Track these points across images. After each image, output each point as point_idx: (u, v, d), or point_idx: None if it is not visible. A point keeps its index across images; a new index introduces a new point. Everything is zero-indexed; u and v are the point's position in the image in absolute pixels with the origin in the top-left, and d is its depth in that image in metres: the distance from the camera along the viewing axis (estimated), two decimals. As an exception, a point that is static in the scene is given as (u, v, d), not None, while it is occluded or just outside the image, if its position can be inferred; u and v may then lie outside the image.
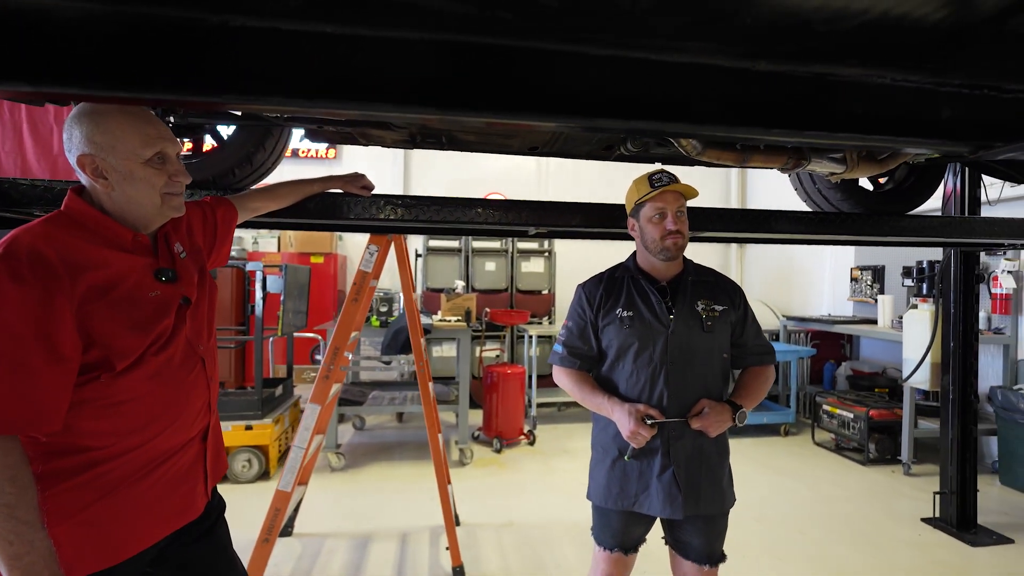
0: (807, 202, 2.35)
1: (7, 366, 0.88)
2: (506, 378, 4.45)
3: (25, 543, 0.87)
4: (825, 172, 1.70)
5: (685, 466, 1.46)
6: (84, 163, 1.02)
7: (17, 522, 0.87)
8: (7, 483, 0.87)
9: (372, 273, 2.49)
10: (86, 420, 0.99)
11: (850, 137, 0.71)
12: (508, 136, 1.73)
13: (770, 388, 1.63)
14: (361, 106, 0.61)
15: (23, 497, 0.88)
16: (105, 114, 1.02)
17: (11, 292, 0.89)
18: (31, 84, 0.54)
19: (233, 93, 0.58)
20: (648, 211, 1.48)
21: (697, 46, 0.60)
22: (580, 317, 1.58)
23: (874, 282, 5.37)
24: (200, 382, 1.18)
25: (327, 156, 6.80)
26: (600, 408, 1.50)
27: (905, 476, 3.89)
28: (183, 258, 1.20)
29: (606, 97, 0.65)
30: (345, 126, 1.60)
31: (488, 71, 0.60)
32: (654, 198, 1.47)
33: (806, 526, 3.09)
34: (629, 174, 1.66)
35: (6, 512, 0.86)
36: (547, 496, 3.47)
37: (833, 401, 4.48)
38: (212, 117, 1.58)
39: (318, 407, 2.39)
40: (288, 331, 4.08)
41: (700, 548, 1.52)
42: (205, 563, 1.23)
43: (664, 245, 1.48)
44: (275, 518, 2.35)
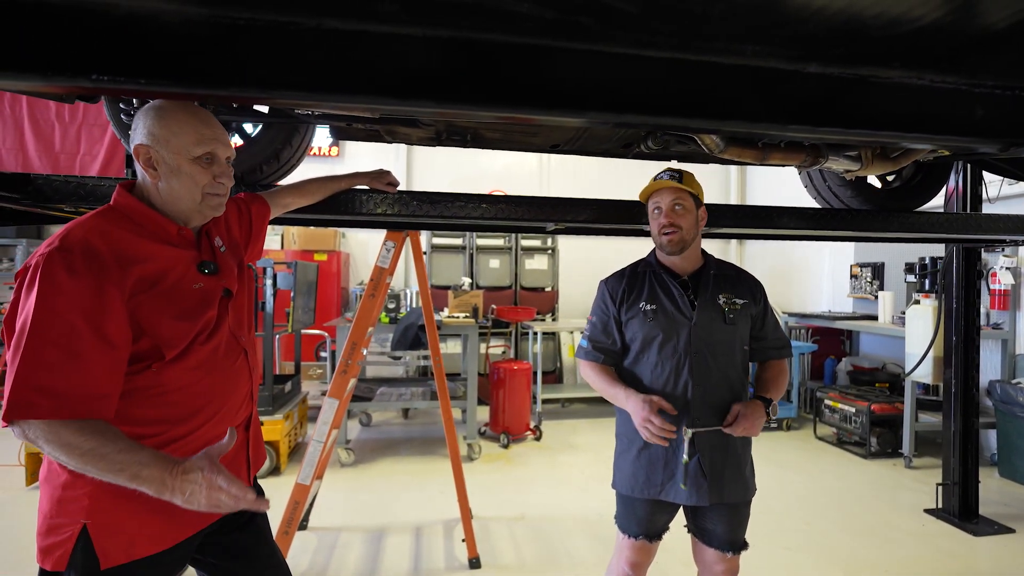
0: (817, 199, 2.40)
1: (60, 354, 0.91)
2: (513, 374, 4.49)
3: (133, 467, 0.89)
4: (840, 169, 1.75)
5: (710, 455, 1.50)
6: (139, 152, 1.06)
7: (112, 460, 0.89)
8: (82, 439, 0.89)
9: (388, 269, 2.52)
10: (138, 408, 1.02)
11: (891, 135, 0.75)
12: (531, 134, 1.76)
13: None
14: (471, 108, 0.64)
15: (103, 439, 0.90)
16: (169, 110, 1.06)
17: (66, 283, 0.92)
18: (149, 84, 0.56)
19: (325, 91, 0.61)
20: (649, 207, 1.58)
21: (753, 49, 0.64)
22: (603, 312, 1.62)
23: (874, 279, 5.44)
24: (243, 372, 1.21)
25: (330, 153, 6.80)
26: (616, 399, 1.53)
27: (907, 469, 3.96)
28: (223, 252, 1.23)
29: (667, 97, 0.69)
30: (374, 123, 1.63)
31: (562, 74, 0.64)
32: (652, 194, 1.55)
33: (812, 517, 3.15)
34: (629, 172, 1.71)
35: (97, 456, 0.89)
36: (556, 490, 3.52)
37: (835, 396, 4.55)
38: (242, 114, 1.60)
39: (336, 402, 2.42)
40: (297, 328, 4.11)
41: (723, 535, 1.56)
42: (248, 549, 1.26)
43: (659, 240, 1.55)
44: (294, 511, 2.38)
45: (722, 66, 0.69)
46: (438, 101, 0.63)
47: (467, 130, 1.72)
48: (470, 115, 0.78)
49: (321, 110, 1.40)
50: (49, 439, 0.89)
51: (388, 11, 0.53)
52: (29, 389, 0.88)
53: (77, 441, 0.89)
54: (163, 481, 0.90)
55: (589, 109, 0.66)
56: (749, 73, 0.70)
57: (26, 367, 0.89)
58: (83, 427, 0.90)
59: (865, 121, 0.75)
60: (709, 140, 1.49)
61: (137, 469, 0.90)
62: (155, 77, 0.56)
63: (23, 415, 0.88)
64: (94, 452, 0.89)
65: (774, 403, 1.53)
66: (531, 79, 0.65)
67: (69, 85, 0.61)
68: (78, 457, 0.89)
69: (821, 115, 0.73)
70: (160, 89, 0.57)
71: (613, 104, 0.67)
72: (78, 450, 0.89)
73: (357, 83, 0.61)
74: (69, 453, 0.89)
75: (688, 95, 0.69)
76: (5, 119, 5.77)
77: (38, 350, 0.89)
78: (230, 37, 0.57)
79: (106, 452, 0.89)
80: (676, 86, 0.68)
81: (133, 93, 0.67)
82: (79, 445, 0.89)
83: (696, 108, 0.70)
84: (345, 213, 1.72)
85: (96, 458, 0.89)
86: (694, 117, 0.70)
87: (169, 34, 0.55)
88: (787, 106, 0.72)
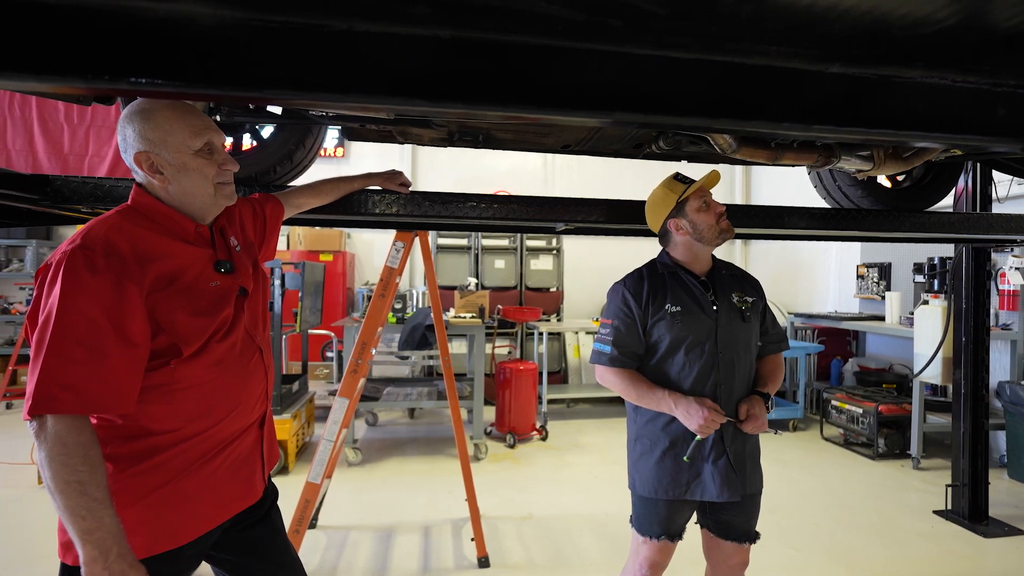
0: (827, 199, 2.40)
1: (84, 350, 0.92)
2: (519, 374, 4.49)
3: (96, 519, 0.90)
4: (852, 169, 1.75)
5: (733, 449, 1.52)
6: (140, 160, 1.05)
7: (89, 499, 0.90)
8: (79, 461, 0.90)
9: (398, 269, 2.53)
10: (155, 405, 1.03)
11: (912, 135, 0.75)
12: (543, 134, 1.77)
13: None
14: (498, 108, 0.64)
15: (94, 475, 0.91)
16: (154, 110, 1.04)
17: (88, 281, 0.93)
18: (185, 86, 0.57)
19: (356, 93, 0.61)
20: (694, 203, 1.55)
21: (778, 50, 0.65)
22: (627, 315, 1.56)
23: (881, 279, 5.42)
24: (259, 370, 1.22)
25: (335, 155, 6.83)
26: (660, 404, 1.50)
27: (914, 470, 3.94)
28: (238, 251, 1.24)
29: (692, 98, 0.69)
30: (387, 124, 1.64)
31: (591, 75, 0.64)
32: (695, 192, 1.55)
33: (819, 518, 3.15)
34: (634, 172, 1.71)
35: (78, 488, 0.90)
36: (563, 489, 3.52)
37: (842, 397, 4.53)
38: (257, 116, 1.62)
39: (347, 401, 2.43)
40: (305, 328, 4.12)
41: (741, 527, 1.58)
42: (263, 546, 1.27)
43: (722, 227, 1.56)
44: (305, 509, 2.39)
45: (746, 67, 0.70)
46: (467, 103, 0.64)
47: (479, 131, 1.73)
48: (497, 116, 0.78)
49: (338, 111, 1.41)
50: (65, 437, 0.90)
51: (420, 14, 0.54)
52: (54, 385, 0.89)
53: (86, 452, 0.91)
54: (104, 554, 0.90)
55: (616, 110, 0.67)
56: (773, 74, 0.71)
57: (50, 363, 0.90)
58: (92, 449, 0.92)
59: (887, 121, 0.75)
60: (722, 140, 1.49)
61: (96, 521, 0.90)
62: (191, 80, 0.57)
63: (46, 409, 0.89)
64: (86, 474, 0.90)
65: (772, 397, 1.56)
66: (560, 80, 0.65)
67: (108, 88, 0.62)
68: (71, 465, 0.89)
69: (843, 115, 0.74)
70: (196, 91, 0.58)
71: (640, 105, 0.68)
72: (79, 459, 0.90)
73: (387, 85, 0.61)
74: (69, 458, 0.89)
75: (713, 96, 0.70)
76: (15, 121, 5.81)
77: (62, 346, 0.90)
78: (264, 40, 0.58)
79: (93, 482, 0.91)
80: (701, 87, 0.69)
81: (169, 95, 0.68)
82: (85, 456, 0.91)
83: (721, 109, 0.70)
84: (358, 214, 1.73)
85: (81, 482, 0.90)
86: (719, 117, 0.71)
87: (204, 37, 0.56)
88: (810, 106, 0.73)
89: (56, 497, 0.90)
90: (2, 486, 3.33)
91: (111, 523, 0.92)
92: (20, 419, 4.88)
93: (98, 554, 0.90)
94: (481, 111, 0.69)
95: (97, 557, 0.90)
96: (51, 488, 0.90)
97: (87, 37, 0.54)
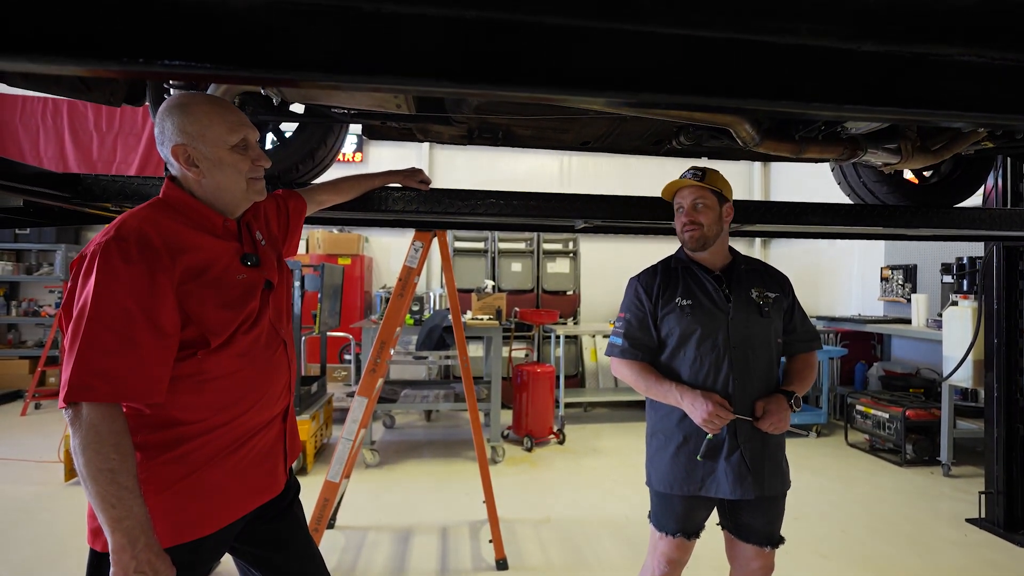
0: (851, 195, 2.35)
1: (118, 339, 0.94)
2: (536, 377, 4.47)
3: (125, 507, 0.92)
4: (879, 163, 1.71)
5: (749, 446, 1.48)
6: (178, 153, 1.08)
7: (119, 487, 0.92)
8: (111, 449, 0.92)
9: (416, 269, 2.54)
10: (183, 395, 1.05)
11: (948, 114, 0.73)
12: (563, 131, 1.77)
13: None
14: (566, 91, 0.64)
15: (125, 464, 0.93)
16: (193, 105, 1.09)
17: (122, 271, 0.95)
18: (216, 68, 0.58)
19: (383, 74, 0.62)
20: (674, 205, 1.61)
21: (808, 27, 0.63)
22: (638, 308, 1.60)
23: (906, 281, 5.29)
24: (282, 363, 1.23)
25: (354, 159, 6.91)
26: (667, 396, 1.50)
27: (945, 477, 3.82)
28: (263, 245, 1.26)
29: (719, 76, 0.68)
30: (407, 122, 1.65)
31: (618, 55, 0.64)
32: (675, 193, 1.58)
33: (847, 525, 3.06)
34: (651, 174, 1.70)
35: (109, 477, 0.91)
36: (581, 493, 3.49)
37: (867, 401, 4.42)
38: (280, 114, 1.64)
39: (366, 399, 2.44)
40: (324, 330, 4.16)
41: (761, 530, 1.53)
42: (285, 539, 1.28)
43: (682, 237, 1.58)
44: (324, 508, 2.40)
45: (776, 46, 0.68)
46: (494, 84, 0.64)
47: (499, 127, 1.73)
48: (523, 98, 0.78)
49: (359, 108, 1.42)
50: (99, 425, 0.91)
51: (445, -7, 0.55)
52: (89, 373, 0.91)
53: (118, 440, 0.93)
54: (132, 543, 0.91)
55: (643, 90, 0.66)
56: (804, 53, 0.69)
57: (85, 352, 0.92)
58: (124, 438, 0.94)
59: (922, 100, 0.73)
60: (745, 133, 1.47)
61: (125, 510, 0.92)
62: (223, 62, 0.58)
63: (81, 397, 0.91)
64: (117, 463, 0.92)
65: (797, 396, 1.51)
66: (586, 61, 0.65)
67: (141, 70, 0.64)
68: (103, 453, 0.91)
69: (876, 95, 0.72)
70: (227, 73, 0.59)
71: (666, 85, 0.67)
72: (111, 447, 0.92)
73: (415, 66, 0.62)
74: (101, 446, 0.91)
75: (742, 76, 0.68)
76: (47, 130, 6.02)
77: (97, 335, 0.92)
78: (294, 21, 0.59)
79: (124, 470, 0.92)
80: (729, 67, 0.68)
81: (201, 78, 0.70)
82: (117, 444, 0.92)
83: (750, 89, 0.69)
84: (378, 211, 1.75)
85: (113, 470, 0.92)
86: (748, 97, 0.70)
87: (236, 19, 0.57)
88: (842, 86, 0.71)
89: (88, 484, 0.92)
90: (32, 483, 3.42)
91: (140, 512, 0.94)
92: (49, 419, 5.01)
93: (126, 543, 0.92)
94: (508, 92, 0.69)
95: (125, 546, 0.92)
96: (83, 475, 0.92)
97: (124, 21, 0.56)
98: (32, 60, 0.59)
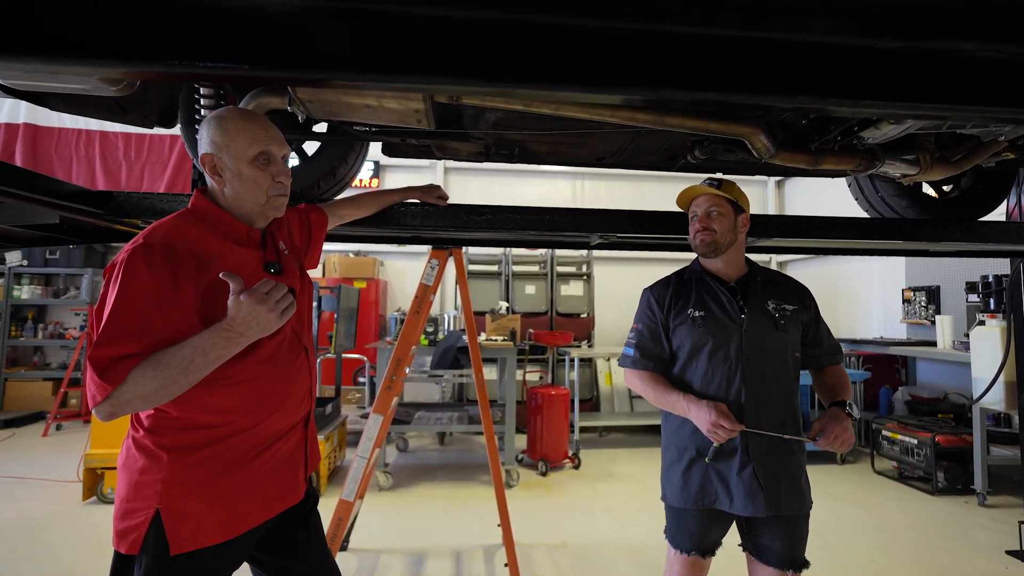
0: (868, 210, 2.33)
1: (133, 335, 0.96)
2: (551, 400, 4.42)
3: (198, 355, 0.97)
4: (897, 174, 1.70)
5: (764, 463, 1.44)
6: (204, 161, 1.14)
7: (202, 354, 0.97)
8: (162, 368, 0.95)
9: (432, 287, 2.56)
10: (211, 397, 1.06)
11: (969, 110, 0.73)
12: (578, 146, 1.80)
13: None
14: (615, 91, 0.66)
15: (176, 355, 0.96)
16: (227, 118, 1.14)
17: (145, 276, 0.99)
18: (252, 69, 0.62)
19: (410, 73, 0.64)
20: (689, 214, 1.61)
21: (824, 24, 0.65)
22: (650, 319, 1.60)
23: (929, 303, 5.17)
24: (304, 369, 1.25)
25: (370, 185, 7.07)
26: (675, 406, 1.49)
27: (980, 507, 3.65)
28: (286, 254, 1.29)
29: (736, 74, 0.70)
30: (426, 138, 1.70)
31: (637, 53, 0.66)
32: (690, 201, 1.59)
33: (878, 555, 2.93)
34: (663, 196, 1.72)
35: (191, 366, 0.96)
36: (597, 518, 3.39)
37: (893, 427, 4.27)
38: (303, 133, 1.70)
39: (381, 417, 2.43)
40: (339, 351, 4.19)
41: (782, 552, 1.47)
42: (304, 548, 1.27)
43: (694, 243, 1.57)
44: (338, 528, 2.37)
45: (791, 43, 0.70)
46: (516, 82, 0.66)
47: (516, 143, 1.77)
48: (542, 96, 0.80)
49: (382, 124, 1.47)
50: (137, 387, 0.93)
51: (472, -3, 0.58)
52: (108, 360, 0.93)
53: (159, 363, 0.95)
54: (228, 339, 0.97)
55: (662, 87, 0.68)
56: (819, 50, 0.71)
57: (104, 340, 0.94)
58: (146, 371, 0.95)
59: (940, 95, 0.73)
60: (760, 144, 1.48)
61: (203, 353, 0.96)
62: (259, 63, 0.61)
63: (110, 382, 0.92)
64: (167, 379, 0.95)
65: (850, 403, 1.46)
66: (606, 60, 0.67)
67: (184, 72, 0.67)
68: (163, 388, 0.95)
69: (894, 90, 0.72)
70: (263, 74, 0.62)
71: (683, 82, 0.69)
72: (162, 370, 0.95)
73: (444, 66, 0.64)
74: (157, 380, 0.94)
75: (759, 73, 0.70)
76: (80, 159, 6.27)
77: (113, 330, 0.95)
78: (327, 24, 0.62)
79: (173, 373, 0.95)
80: (746, 65, 0.70)
81: (236, 80, 0.73)
82: (160, 364, 0.95)
83: (767, 85, 0.71)
84: (396, 226, 1.78)
85: (173, 380, 0.95)
86: (765, 93, 0.71)
87: (272, 23, 0.61)
88: (859, 81, 0.72)
89: (188, 378, 0.96)
90: (52, 502, 3.43)
91: (200, 340, 0.97)
92: (69, 440, 5.06)
93: (227, 343, 0.99)
94: (528, 90, 0.72)
95: (231, 341, 0.99)
96: (180, 381, 0.96)
97: (168, 26, 0.60)
98: (86, 64, 0.62)
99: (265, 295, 0.97)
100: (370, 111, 1.35)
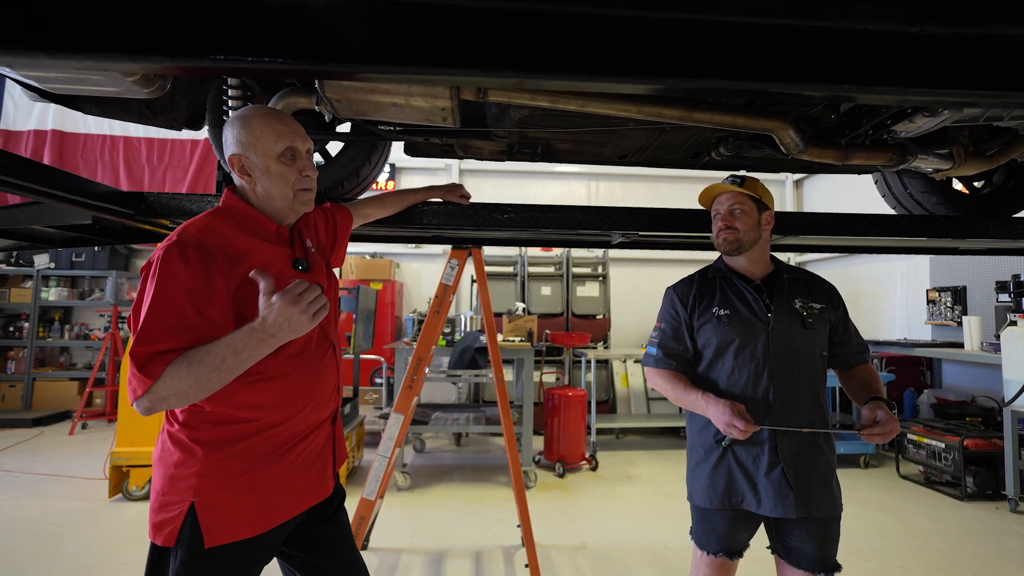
0: (896, 208, 2.28)
1: (169, 332, 0.97)
2: (568, 401, 4.40)
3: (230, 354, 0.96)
4: (929, 169, 1.66)
5: (793, 463, 1.41)
6: (233, 162, 1.16)
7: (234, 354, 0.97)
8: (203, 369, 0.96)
9: (452, 287, 2.57)
10: (241, 393, 1.08)
11: (1019, 96, 0.71)
12: (601, 143, 1.79)
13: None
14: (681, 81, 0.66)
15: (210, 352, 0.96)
16: (250, 117, 1.16)
17: (180, 272, 1.00)
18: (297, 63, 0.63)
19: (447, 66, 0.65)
20: (712, 212, 1.60)
21: (869, 11, 0.64)
22: (673, 318, 1.58)
23: (955, 303, 5.05)
24: (332, 365, 1.26)
25: (386, 188, 7.12)
26: (694, 405, 1.46)
27: (1012, 513, 3.54)
28: (313, 252, 1.30)
29: (780, 62, 0.69)
30: (451, 136, 1.70)
31: (680, 43, 0.66)
32: (713, 200, 1.57)
33: (907, 561, 2.86)
34: (678, 197, 1.70)
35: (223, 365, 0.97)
36: (616, 520, 3.36)
37: (920, 430, 4.17)
38: (328, 133, 1.71)
39: (402, 416, 2.44)
40: (358, 351, 4.22)
41: (813, 555, 1.44)
42: (331, 544, 1.27)
43: (717, 241, 1.56)
44: (359, 526, 2.39)
45: (834, 30, 0.69)
46: (556, 74, 0.66)
47: (538, 142, 1.76)
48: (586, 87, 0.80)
49: (407, 122, 1.48)
50: (174, 383, 0.94)
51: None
52: (147, 355, 0.94)
53: (193, 359, 0.95)
54: (260, 340, 0.97)
55: (704, 76, 0.67)
56: (864, 37, 0.69)
57: (143, 336, 0.95)
58: (180, 367, 0.96)
59: (989, 82, 0.72)
60: (788, 139, 1.46)
61: (235, 353, 0.96)
62: (302, 57, 0.62)
63: (149, 376, 0.94)
64: (200, 377, 0.95)
65: (889, 400, 1.44)
66: (650, 49, 0.67)
67: (229, 66, 0.68)
68: (197, 386, 0.95)
69: (942, 77, 0.71)
70: (305, 68, 0.63)
71: (727, 71, 0.68)
72: (197, 367, 0.95)
73: (476, 57, 0.64)
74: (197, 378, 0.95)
75: (802, 62, 0.69)
76: (104, 164, 6.42)
77: (151, 326, 0.96)
78: (367, 18, 0.63)
79: (205, 371, 0.96)
80: (789, 54, 0.69)
81: (277, 73, 0.74)
82: (192, 361, 0.95)
83: (810, 74, 0.69)
84: (418, 225, 1.79)
85: (206, 378, 0.96)
86: (807, 82, 0.70)
87: (315, 18, 0.62)
88: (905, 69, 0.70)
89: (220, 376, 0.97)
90: (79, 499, 3.51)
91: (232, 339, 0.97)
92: (95, 438, 5.17)
93: (260, 344, 0.98)
94: (571, 81, 0.71)
95: (263, 341, 0.98)
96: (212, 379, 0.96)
97: (213, 23, 0.61)
98: (134, 60, 0.64)
99: (298, 296, 0.97)
100: (397, 109, 1.36)
